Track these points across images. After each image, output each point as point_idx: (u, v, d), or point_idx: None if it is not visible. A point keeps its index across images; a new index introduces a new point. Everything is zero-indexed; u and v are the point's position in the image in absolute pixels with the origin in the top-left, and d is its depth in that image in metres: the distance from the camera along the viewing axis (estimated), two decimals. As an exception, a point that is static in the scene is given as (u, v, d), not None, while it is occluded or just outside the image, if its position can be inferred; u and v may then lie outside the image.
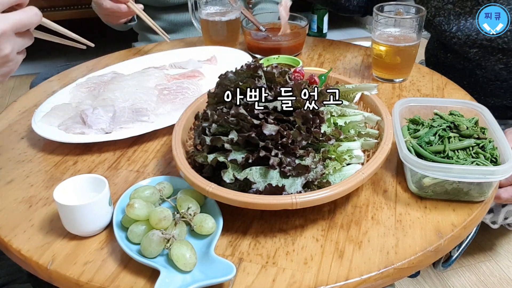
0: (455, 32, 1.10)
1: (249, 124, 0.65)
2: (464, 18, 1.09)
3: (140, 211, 0.63)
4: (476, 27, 1.06)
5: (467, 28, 1.08)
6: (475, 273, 1.45)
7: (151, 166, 0.81)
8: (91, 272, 0.60)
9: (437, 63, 1.28)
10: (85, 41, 0.82)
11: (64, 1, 2.61)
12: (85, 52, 0.84)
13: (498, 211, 1.11)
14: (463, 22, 1.09)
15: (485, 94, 1.17)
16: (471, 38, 1.08)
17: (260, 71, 0.71)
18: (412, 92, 1.02)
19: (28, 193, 0.75)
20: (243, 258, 0.62)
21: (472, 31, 1.07)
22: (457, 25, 1.10)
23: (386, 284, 0.61)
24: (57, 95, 0.99)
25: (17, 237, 0.66)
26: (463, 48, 1.11)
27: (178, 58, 1.16)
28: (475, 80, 1.17)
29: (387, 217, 0.68)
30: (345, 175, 0.68)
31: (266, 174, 0.64)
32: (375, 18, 1.02)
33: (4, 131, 0.93)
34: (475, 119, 0.79)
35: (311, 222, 0.67)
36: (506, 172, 0.65)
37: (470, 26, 1.07)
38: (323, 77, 0.90)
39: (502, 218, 1.12)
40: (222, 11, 1.22)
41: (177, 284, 0.56)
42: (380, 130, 0.77)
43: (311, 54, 1.23)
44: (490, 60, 1.11)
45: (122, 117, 0.89)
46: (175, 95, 0.97)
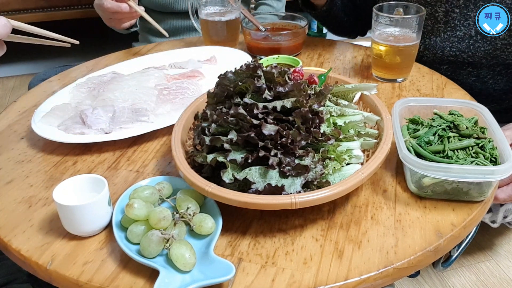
0: (423, 51, 1.15)
1: (249, 124, 0.65)
2: (428, 37, 1.13)
3: (139, 211, 0.63)
4: (440, 45, 1.11)
5: (432, 47, 1.13)
6: (475, 273, 1.45)
7: (151, 166, 0.81)
8: (90, 272, 0.60)
9: None
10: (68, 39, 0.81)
11: (64, 1, 2.61)
12: (85, 52, 0.84)
13: (497, 210, 1.11)
14: (428, 40, 1.14)
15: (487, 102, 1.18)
16: (437, 55, 1.13)
17: (260, 71, 0.71)
18: (411, 92, 1.02)
19: (27, 193, 0.75)
20: (242, 258, 0.62)
21: (437, 49, 1.12)
22: (423, 44, 1.14)
23: (385, 284, 0.61)
24: (57, 95, 0.99)
25: (17, 237, 0.66)
26: (434, 66, 1.15)
27: (178, 58, 1.16)
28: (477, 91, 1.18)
29: (386, 217, 0.68)
30: (344, 175, 0.68)
31: (266, 174, 0.64)
32: (375, 18, 1.02)
33: (4, 131, 0.93)
34: (474, 119, 0.79)
35: (311, 222, 0.67)
36: (505, 172, 0.65)
37: (435, 44, 1.12)
38: (323, 77, 0.90)
39: (501, 217, 1.12)
40: (222, 11, 1.22)
41: (176, 284, 0.56)
42: (380, 130, 0.77)
43: (311, 54, 1.23)
44: (461, 74, 1.14)
45: (122, 117, 0.89)
46: (174, 95, 0.97)
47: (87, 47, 0.83)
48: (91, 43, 2.28)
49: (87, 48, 0.81)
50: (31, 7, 2.56)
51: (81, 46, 0.91)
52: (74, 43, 0.82)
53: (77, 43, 0.84)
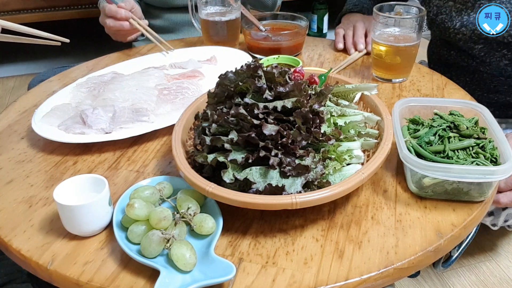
0: (459, 28, 1.10)
1: (249, 124, 0.65)
2: (467, 14, 1.09)
3: (140, 211, 0.63)
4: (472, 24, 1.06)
5: (471, 23, 1.08)
6: (475, 273, 1.45)
7: (151, 166, 0.81)
8: (91, 272, 0.60)
9: (440, 61, 1.28)
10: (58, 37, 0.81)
11: (64, 1, 2.61)
12: (85, 52, 0.84)
13: (499, 214, 1.11)
14: (466, 17, 1.09)
15: (488, 90, 1.18)
16: (476, 32, 1.08)
17: (260, 71, 0.71)
18: (412, 92, 1.02)
19: (28, 193, 0.75)
20: (243, 258, 0.62)
21: (476, 26, 1.07)
22: (460, 21, 1.10)
23: (386, 284, 0.61)
24: (57, 95, 0.99)
25: (17, 237, 0.66)
26: (468, 44, 1.11)
27: (178, 58, 1.16)
28: (479, 76, 1.17)
29: (387, 217, 0.68)
30: (345, 175, 0.68)
31: (266, 174, 0.64)
32: (375, 18, 1.02)
33: (4, 131, 0.93)
34: (475, 119, 0.79)
35: (311, 222, 0.67)
36: (506, 172, 0.65)
37: (474, 21, 1.07)
38: (323, 77, 0.90)
39: (503, 220, 1.12)
40: (222, 11, 1.22)
41: (177, 284, 0.56)
42: (380, 130, 0.77)
43: (311, 54, 1.23)
44: (495, 56, 1.11)
45: (122, 117, 0.89)
46: (175, 95, 0.97)
47: (87, 47, 0.83)
48: (91, 43, 2.29)
49: (87, 48, 0.81)
50: (31, 7, 2.56)
51: (81, 46, 0.91)
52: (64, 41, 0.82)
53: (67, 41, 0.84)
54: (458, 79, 1.19)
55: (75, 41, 1.05)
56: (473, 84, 1.18)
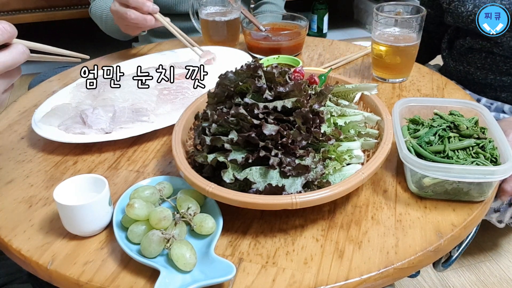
0: (472, 10, 1.11)
1: (249, 124, 0.65)
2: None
3: (140, 211, 0.63)
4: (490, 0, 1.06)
5: (483, 2, 1.08)
6: (475, 273, 1.45)
7: (151, 166, 0.81)
8: (91, 272, 0.60)
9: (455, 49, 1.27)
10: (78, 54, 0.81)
11: (64, 1, 2.61)
12: (85, 52, 0.84)
13: (505, 210, 1.11)
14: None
15: (501, 73, 1.18)
16: None
17: (260, 71, 0.71)
18: (412, 92, 1.02)
19: (28, 193, 0.75)
20: (243, 258, 0.62)
21: (488, 2, 1.07)
22: (473, 3, 1.10)
23: (386, 284, 0.61)
24: (57, 95, 0.99)
25: (17, 237, 0.66)
26: None
27: (178, 58, 1.16)
28: (491, 60, 1.18)
29: (387, 217, 0.68)
30: (345, 175, 0.68)
31: (266, 174, 0.64)
32: (375, 18, 1.02)
33: (4, 131, 0.93)
34: (475, 119, 0.79)
35: (311, 222, 0.67)
36: (506, 172, 0.65)
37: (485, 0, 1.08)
38: (323, 77, 0.90)
39: (509, 217, 1.12)
40: (222, 11, 1.22)
41: (177, 284, 0.56)
42: (380, 130, 0.77)
43: (311, 54, 1.23)
44: (506, 36, 1.10)
45: (122, 117, 0.89)
46: (175, 95, 0.97)
47: (87, 47, 0.83)
48: (91, 43, 2.29)
49: (87, 48, 0.81)
50: (31, 7, 2.56)
51: (81, 46, 0.91)
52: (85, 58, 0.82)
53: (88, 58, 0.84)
54: (469, 65, 1.22)
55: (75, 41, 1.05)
56: (484, 69, 1.19)
